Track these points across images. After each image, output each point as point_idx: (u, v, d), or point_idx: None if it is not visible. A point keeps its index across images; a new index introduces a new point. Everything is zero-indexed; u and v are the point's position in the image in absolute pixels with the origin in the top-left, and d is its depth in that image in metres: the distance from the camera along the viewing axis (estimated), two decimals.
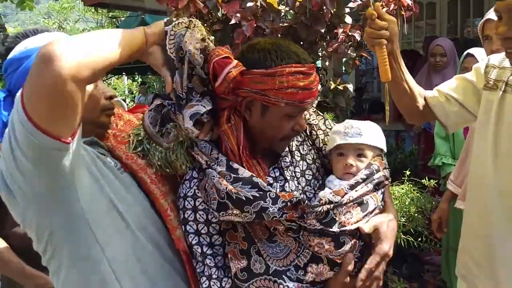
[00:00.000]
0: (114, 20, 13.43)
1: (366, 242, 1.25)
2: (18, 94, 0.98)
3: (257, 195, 1.15)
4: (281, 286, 1.18)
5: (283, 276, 1.19)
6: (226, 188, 1.16)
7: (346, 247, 1.20)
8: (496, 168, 1.50)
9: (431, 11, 7.55)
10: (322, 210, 1.17)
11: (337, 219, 1.19)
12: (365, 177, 1.25)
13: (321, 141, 1.40)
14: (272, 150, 1.29)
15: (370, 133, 1.34)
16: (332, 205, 1.18)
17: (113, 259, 1.15)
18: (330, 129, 1.41)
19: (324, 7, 2.72)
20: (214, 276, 1.21)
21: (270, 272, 1.18)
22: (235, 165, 1.21)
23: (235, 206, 1.16)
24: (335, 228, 1.18)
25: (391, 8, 2.95)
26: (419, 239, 2.87)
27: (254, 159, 1.24)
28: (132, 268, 1.18)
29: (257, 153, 1.27)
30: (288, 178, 1.28)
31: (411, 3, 3.02)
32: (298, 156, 1.34)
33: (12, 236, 1.81)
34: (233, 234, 1.22)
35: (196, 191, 1.23)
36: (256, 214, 1.15)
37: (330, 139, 1.37)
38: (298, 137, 1.37)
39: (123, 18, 10.57)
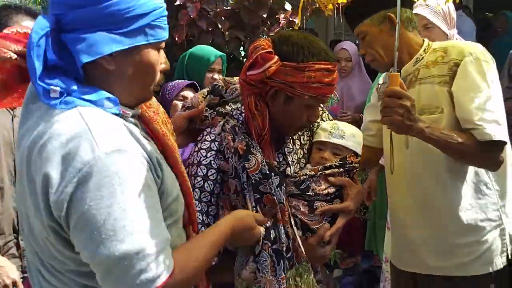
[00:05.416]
0: None
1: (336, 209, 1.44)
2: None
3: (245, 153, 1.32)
4: None
5: None
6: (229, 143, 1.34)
7: (317, 214, 1.40)
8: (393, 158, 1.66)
9: None
10: (299, 180, 1.39)
11: (311, 186, 1.40)
12: (339, 164, 1.46)
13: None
14: (276, 137, 1.42)
15: (351, 138, 1.52)
16: (307, 176, 1.40)
17: None
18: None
19: None
20: None
21: None
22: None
23: (230, 157, 1.34)
24: (310, 192, 1.39)
25: None
26: None
27: (270, 144, 1.38)
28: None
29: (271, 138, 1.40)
30: (290, 163, 1.45)
31: None
32: (298, 144, 1.51)
33: None
34: (227, 186, 1.35)
35: (212, 162, 1.34)
36: (242, 169, 1.32)
37: (316, 134, 1.53)
38: None
39: None
